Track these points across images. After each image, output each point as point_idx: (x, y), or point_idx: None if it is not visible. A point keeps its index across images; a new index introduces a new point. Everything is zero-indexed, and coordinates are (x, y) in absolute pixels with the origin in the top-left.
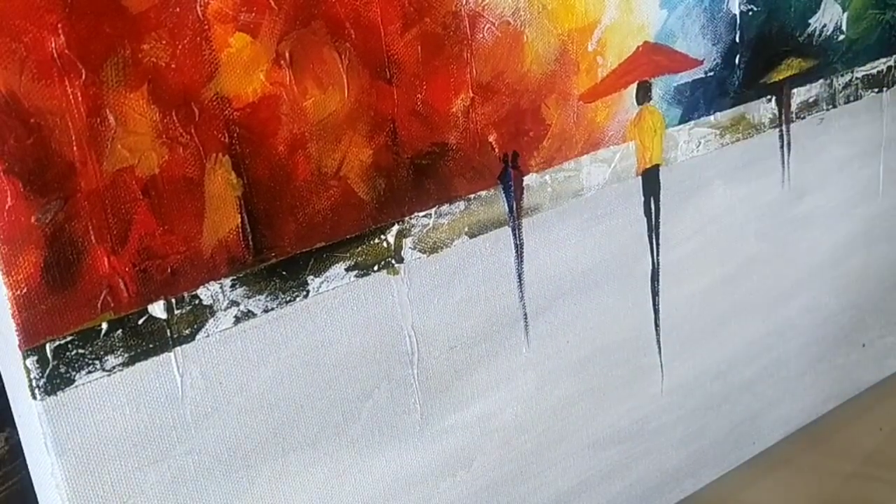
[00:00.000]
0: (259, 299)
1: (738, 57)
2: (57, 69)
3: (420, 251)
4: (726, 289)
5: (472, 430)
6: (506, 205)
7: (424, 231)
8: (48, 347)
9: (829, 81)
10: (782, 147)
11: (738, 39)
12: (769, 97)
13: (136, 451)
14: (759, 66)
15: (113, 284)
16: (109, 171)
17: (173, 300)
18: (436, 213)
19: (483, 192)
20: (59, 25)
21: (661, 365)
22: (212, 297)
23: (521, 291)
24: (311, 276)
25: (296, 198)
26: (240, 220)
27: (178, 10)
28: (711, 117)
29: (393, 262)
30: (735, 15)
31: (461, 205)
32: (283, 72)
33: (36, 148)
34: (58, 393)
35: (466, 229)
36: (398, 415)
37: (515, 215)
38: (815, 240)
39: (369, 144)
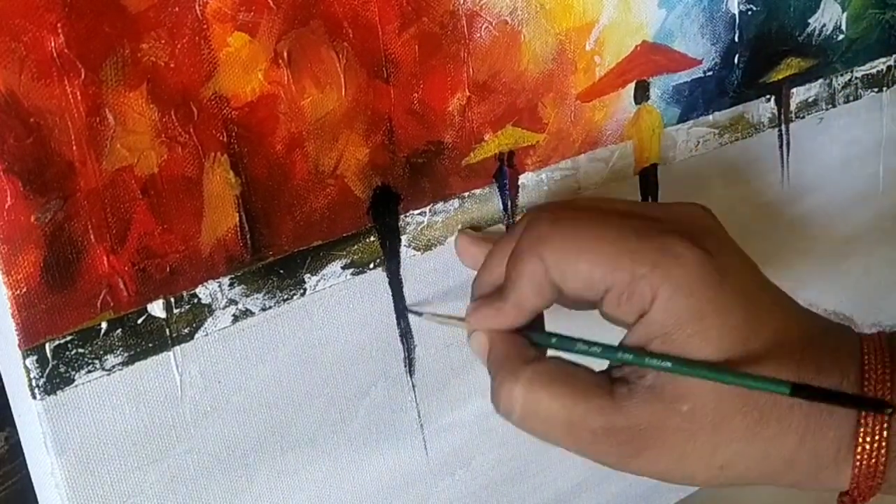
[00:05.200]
0: (257, 298)
1: (737, 56)
2: (56, 68)
3: (415, 248)
4: None
5: (471, 428)
6: (500, 203)
7: (419, 229)
8: (48, 347)
9: (828, 81)
10: (781, 147)
11: (737, 39)
12: (768, 97)
13: (135, 450)
14: (758, 65)
15: (112, 284)
16: (109, 170)
17: (172, 299)
18: (430, 210)
19: (478, 191)
20: (59, 25)
21: None
22: (210, 295)
23: None
24: (309, 275)
25: (293, 196)
26: (238, 218)
27: (176, 9)
28: (710, 117)
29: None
30: (734, 14)
31: (456, 203)
32: (282, 71)
33: (35, 147)
34: (57, 392)
35: (461, 227)
36: (395, 413)
37: (510, 213)
38: (815, 239)
39: (366, 143)
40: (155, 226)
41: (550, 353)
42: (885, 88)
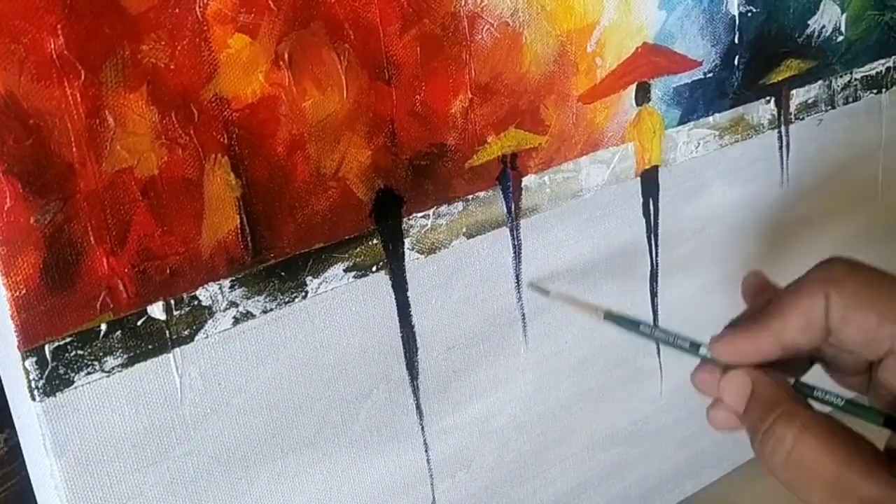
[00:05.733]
0: (258, 300)
1: (737, 58)
2: (56, 70)
3: (418, 252)
4: (725, 289)
5: (471, 430)
6: (504, 206)
7: (423, 232)
8: (47, 348)
9: (827, 83)
10: (781, 148)
11: (737, 40)
12: (768, 98)
13: (135, 452)
14: (758, 67)
15: (112, 285)
16: (108, 172)
17: (172, 301)
18: (434, 213)
19: (481, 193)
20: (59, 26)
21: (660, 366)
22: (211, 297)
23: (518, 292)
24: (310, 277)
25: (295, 199)
26: (239, 220)
27: (177, 10)
28: (710, 118)
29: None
30: (734, 16)
31: (459, 205)
32: (282, 73)
33: (35, 149)
34: (57, 394)
35: (464, 230)
36: (396, 415)
37: (514, 216)
38: (815, 241)
39: (368, 145)
40: (155, 227)
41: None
42: (884, 90)
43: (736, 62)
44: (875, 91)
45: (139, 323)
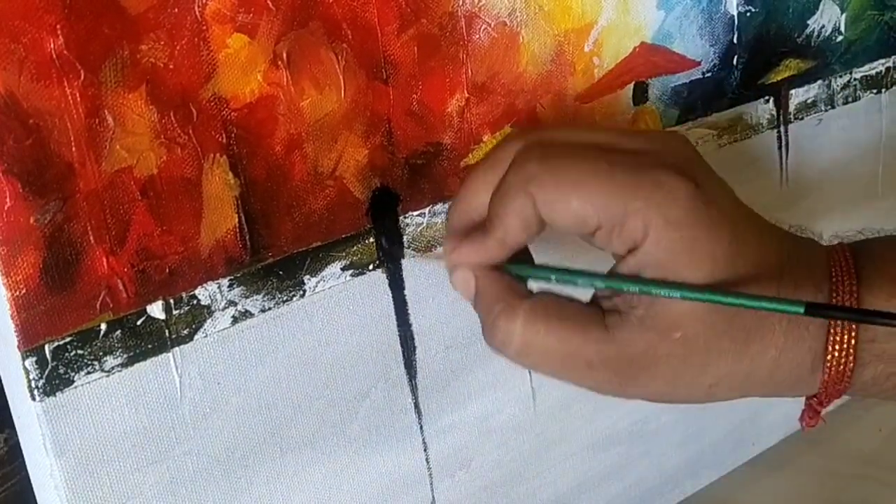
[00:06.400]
0: (256, 299)
1: (735, 58)
2: (56, 70)
3: (415, 250)
4: None
5: (470, 429)
6: None
7: (419, 230)
8: (47, 348)
9: (827, 82)
10: (780, 148)
11: (735, 40)
12: (767, 98)
13: (134, 451)
14: (757, 67)
15: (112, 285)
16: (108, 171)
17: (171, 300)
18: (430, 212)
19: None
20: (58, 26)
21: None
22: (210, 297)
23: None
24: (308, 276)
25: (292, 197)
26: (237, 220)
27: (176, 10)
28: (709, 118)
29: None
30: (733, 16)
31: None
32: (281, 72)
33: (35, 149)
34: (57, 394)
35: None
36: (395, 414)
37: None
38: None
39: (365, 144)
40: (154, 227)
41: (532, 285)
42: (883, 90)
43: (735, 62)
44: (875, 91)
45: (139, 322)
